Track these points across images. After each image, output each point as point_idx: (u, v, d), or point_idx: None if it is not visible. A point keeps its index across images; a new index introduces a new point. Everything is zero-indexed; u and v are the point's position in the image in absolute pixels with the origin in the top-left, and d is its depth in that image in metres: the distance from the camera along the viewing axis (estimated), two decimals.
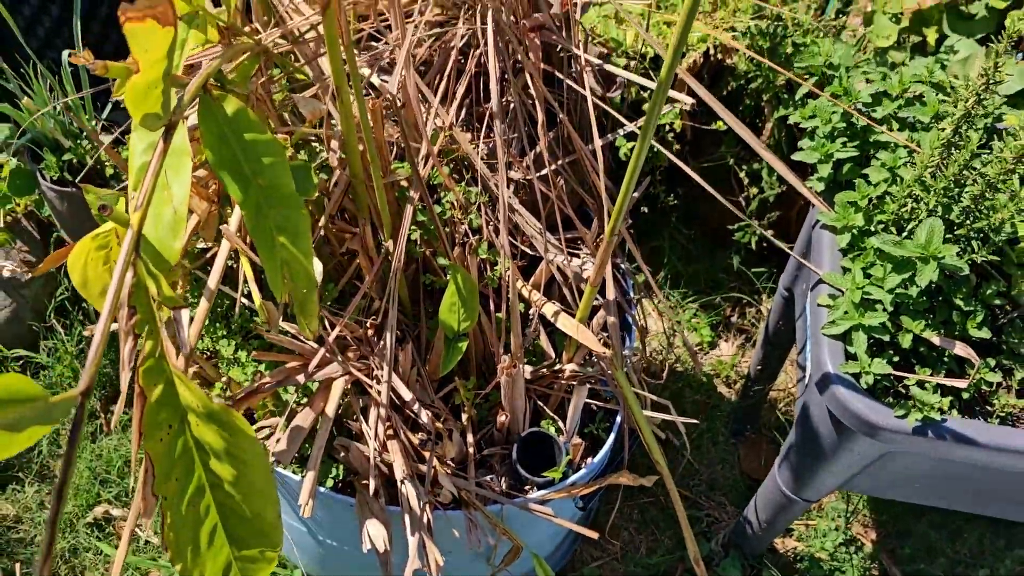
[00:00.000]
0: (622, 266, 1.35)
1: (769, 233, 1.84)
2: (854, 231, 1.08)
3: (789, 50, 1.73)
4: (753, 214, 1.87)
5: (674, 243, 2.06)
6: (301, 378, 1.11)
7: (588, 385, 1.19)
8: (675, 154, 1.85)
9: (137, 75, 0.61)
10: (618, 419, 1.25)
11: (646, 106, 1.71)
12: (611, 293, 1.15)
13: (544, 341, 1.27)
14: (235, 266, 1.22)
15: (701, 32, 1.73)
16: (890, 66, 1.80)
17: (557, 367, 1.24)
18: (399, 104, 1.09)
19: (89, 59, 0.61)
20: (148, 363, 0.60)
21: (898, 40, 1.82)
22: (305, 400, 1.18)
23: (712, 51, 1.78)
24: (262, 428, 1.17)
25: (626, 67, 1.67)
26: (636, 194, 1.37)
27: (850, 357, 1.02)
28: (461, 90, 1.14)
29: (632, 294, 1.35)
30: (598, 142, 1.14)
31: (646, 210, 2.01)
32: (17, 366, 1.81)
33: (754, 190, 1.88)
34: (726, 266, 2.04)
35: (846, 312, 1.02)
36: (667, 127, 1.74)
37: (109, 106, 1.75)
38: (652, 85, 1.24)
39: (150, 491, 0.60)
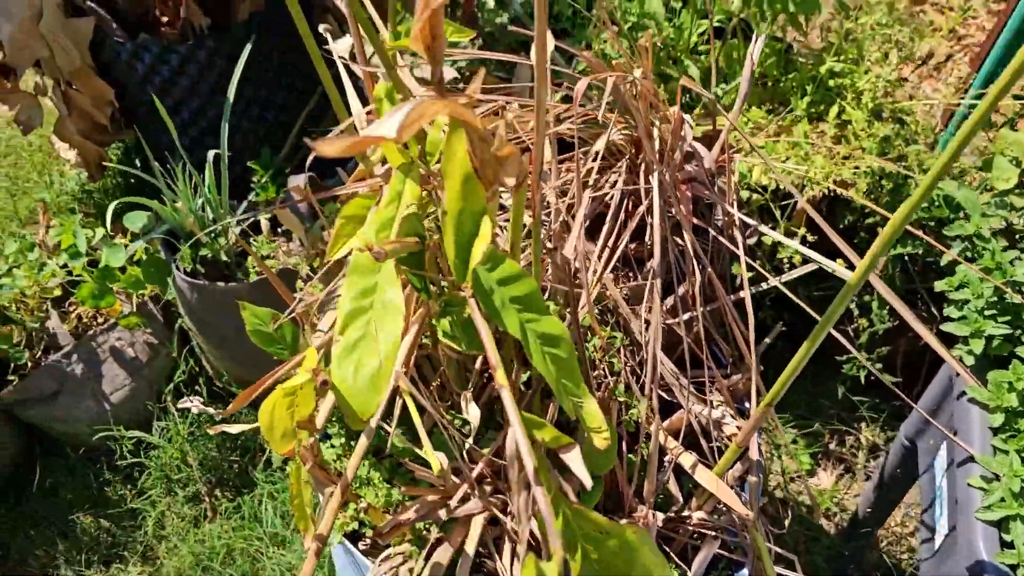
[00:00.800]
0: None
1: (878, 367, 1.83)
2: (1008, 411, 1.07)
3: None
4: (863, 347, 1.86)
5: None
6: (443, 513, 1.13)
7: (719, 539, 1.19)
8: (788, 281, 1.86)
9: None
10: (744, 572, 1.24)
11: (767, 238, 1.73)
12: (755, 454, 1.16)
13: (672, 484, 1.28)
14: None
15: (823, 168, 1.75)
16: (1010, 209, 1.80)
17: (685, 513, 1.24)
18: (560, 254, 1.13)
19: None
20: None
21: (1019, 183, 1.82)
22: (436, 529, 1.20)
23: (832, 185, 1.80)
24: (397, 555, 1.19)
25: (748, 200, 1.70)
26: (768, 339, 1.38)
27: (1005, 545, 1.01)
28: (618, 242, 1.17)
29: (759, 441, 1.35)
30: (748, 298, 1.16)
31: None
32: (131, 444, 1.86)
33: (864, 322, 1.87)
34: (829, 392, 2.02)
35: (1003, 499, 1.01)
36: (786, 260, 1.75)
37: (244, 204, 1.83)
38: (775, 236, 1.26)
39: None
